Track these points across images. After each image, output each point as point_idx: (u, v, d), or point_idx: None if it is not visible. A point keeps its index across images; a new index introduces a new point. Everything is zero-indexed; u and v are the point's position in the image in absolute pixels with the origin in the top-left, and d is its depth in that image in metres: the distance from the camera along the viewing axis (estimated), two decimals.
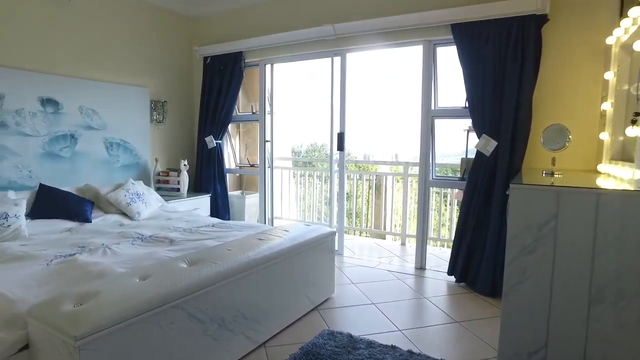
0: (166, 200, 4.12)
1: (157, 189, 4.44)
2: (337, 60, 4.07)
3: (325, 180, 5.53)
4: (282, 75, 5.07)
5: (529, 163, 3.14)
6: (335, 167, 4.26)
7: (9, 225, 2.76)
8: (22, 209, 2.93)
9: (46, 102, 3.58)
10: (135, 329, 1.62)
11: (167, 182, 4.51)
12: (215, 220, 3.47)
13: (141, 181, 4.11)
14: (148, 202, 3.73)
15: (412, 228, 5.43)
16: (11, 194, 3.09)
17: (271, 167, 4.77)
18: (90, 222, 3.27)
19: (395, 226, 5.44)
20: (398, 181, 5.47)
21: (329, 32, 3.85)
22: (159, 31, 4.59)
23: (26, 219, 2.99)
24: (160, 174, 4.53)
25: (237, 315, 2.14)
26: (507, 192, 2.07)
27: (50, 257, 2.28)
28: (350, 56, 4.05)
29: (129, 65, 4.29)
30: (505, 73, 3.08)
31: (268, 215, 4.80)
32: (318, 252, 2.88)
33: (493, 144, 3.15)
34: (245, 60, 4.54)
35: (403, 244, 4.91)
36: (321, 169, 5.99)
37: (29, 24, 3.46)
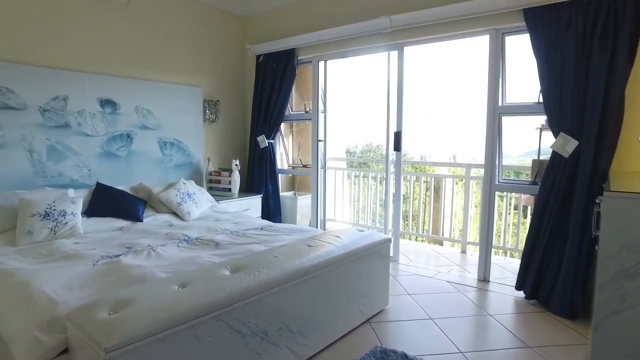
0: (217, 201, 4.09)
1: (209, 189, 4.44)
2: (394, 54, 3.82)
3: (380, 182, 5.28)
4: (336, 72, 4.89)
5: (618, 166, 2.71)
6: (392, 168, 4.01)
7: (66, 223, 2.81)
8: (79, 207, 2.99)
9: (105, 103, 3.66)
10: (170, 341, 1.51)
11: (218, 182, 4.49)
12: (264, 222, 3.36)
13: (193, 181, 4.11)
14: (199, 202, 3.70)
15: (473, 234, 5.04)
16: (70, 192, 3.17)
17: (324, 167, 4.61)
18: (142, 221, 3.28)
19: (455, 232, 5.07)
20: (457, 183, 5.09)
21: (385, 25, 3.61)
22: (212, 31, 4.59)
23: (82, 216, 3.05)
24: (212, 173, 4.52)
25: (282, 327, 1.99)
26: (597, 201, 1.73)
27: (97, 257, 2.26)
28: (408, 50, 3.77)
29: (182, 66, 4.32)
30: (589, 63, 2.67)
31: (320, 217, 4.64)
32: (372, 260, 2.66)
33: (573, 143, 2.75)
34: (298, 58, 4.41)
35: (463, 251, 4.54)
36: (376, 170, 5.75)
37: (89, 29, 3.55)
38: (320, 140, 4.51)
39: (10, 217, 2.78)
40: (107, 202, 3.26)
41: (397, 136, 3.87)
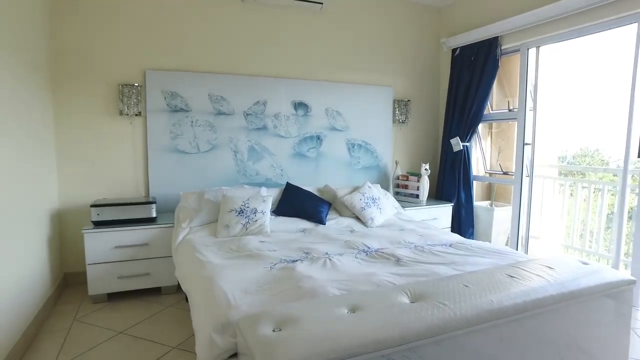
0: (403, 207, 3.77)
1: (395, 194, 4.16)
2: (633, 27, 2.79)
3: (603, 196, 4.05)
4: (548, 60, 3.97)
5: None
6: (629, 180, 2.95)
7: (256, 220, 2.94)
8: (269, 205, 3.10)
9: (298, 105, 3.78)
10: None
11: (405, 187, 4.17)
12: (454, 238, 2.86)
13: (378, 185, 3.90)
14: (383, 208, 3.45)
15: None
16: (263, 191, 3.34)
17: (530, 175, 3.78)
18: (324, 224, 3.21)
19: None
20: None
21: None
22: (405, 26, 4.30)
23: (271, 215, 3.16)
24: (400, 177, 4.22)
25: None
26: None
27: (275, 260, 2.21)
28: None
29: (373, 65, 4.15)
30: None
31: (522, 233, 3.83)
32: (602, 306, 1.90)
33: None
34: (502, 47, 3.72)
35: None
36: (598, 181, 4.46)
37: (287, 37, 3.72)
38: (527, 144, 3.71)
39: (216, 210, 3.06)
40: (294, 203, 3.32)
41: None
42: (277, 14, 3.67)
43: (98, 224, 2.89)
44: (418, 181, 4.03)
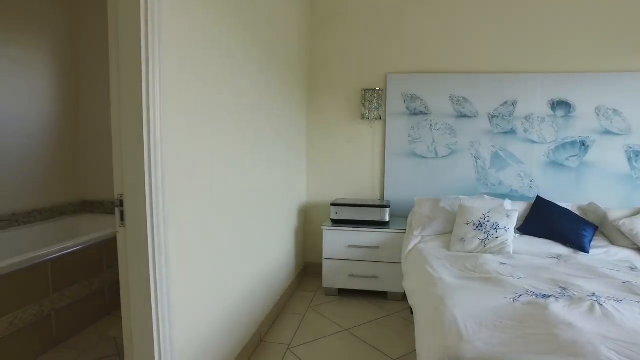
0: None
1: None
2: None
3: None
4: None
5: None
6: None
7: (496, 237, 2.57)
8: (513, 221, 2.66)
9: (557, 105, 3.14)
10: None
11: None
12: None
13: None
14: None
15: None
16: (507, 204, 2.91)
17: None
18: (587, 252, 2.54)
19: None
20: None
21: None
22: None
23: (515, 233, 2.71)
24: None
25: None
26: None
27: (520, 290, 1.83)
28: None
29: None
30: None
31: None
32: None
33: None
34: None
35: None
36: None
37: (540, 24, 3.13)
38: None
39: (451, 221, 2.85)
40: (545, 221, 2.76)
41: None
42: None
43: (335, 222, 3.11)
44: None
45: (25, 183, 2.83)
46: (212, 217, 1.77)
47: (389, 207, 3.08)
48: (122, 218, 1.38)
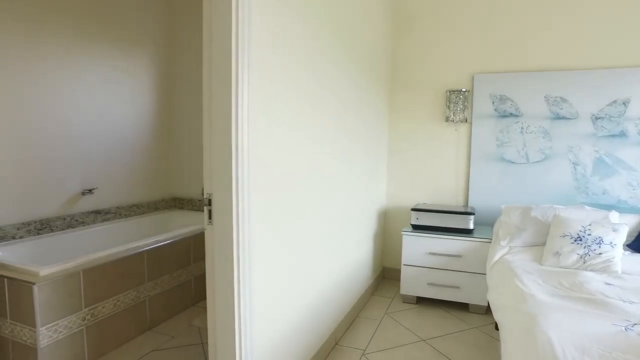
0: None
1: None
2: None
3: None
4: None
5: None
6: None
7: (599, 254, 2.29)
8: (621, 237, 2.35)
9: None
10: None
11: None
12: None
13: None
14: None
15: None
16: (613, 216, 2.59)
17: None
18: None
19: None
20: None
21: None
22: None
23: (624, 250, 2.40)
24: None
25: None
26: None
27: (634, 318, 1.59)
28: None
29: None
30: None
31: None
32: None
33: None
34: None
35: None
36: None
37: None
38: None
39: (543, 232, 2.61)
40: None
41: None
42: None
43: (416, 228, 3.00)
44: None
45: (128, 180, 3.14)
46: (293, 220, 1.80)
47: (474, 214, 2.90)
48: (209, 216, 1.45)
